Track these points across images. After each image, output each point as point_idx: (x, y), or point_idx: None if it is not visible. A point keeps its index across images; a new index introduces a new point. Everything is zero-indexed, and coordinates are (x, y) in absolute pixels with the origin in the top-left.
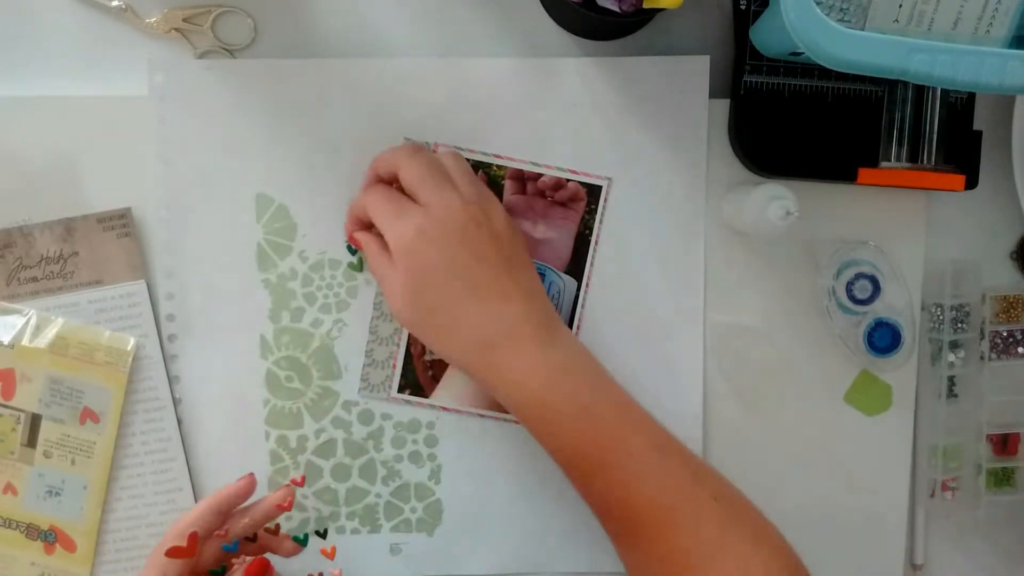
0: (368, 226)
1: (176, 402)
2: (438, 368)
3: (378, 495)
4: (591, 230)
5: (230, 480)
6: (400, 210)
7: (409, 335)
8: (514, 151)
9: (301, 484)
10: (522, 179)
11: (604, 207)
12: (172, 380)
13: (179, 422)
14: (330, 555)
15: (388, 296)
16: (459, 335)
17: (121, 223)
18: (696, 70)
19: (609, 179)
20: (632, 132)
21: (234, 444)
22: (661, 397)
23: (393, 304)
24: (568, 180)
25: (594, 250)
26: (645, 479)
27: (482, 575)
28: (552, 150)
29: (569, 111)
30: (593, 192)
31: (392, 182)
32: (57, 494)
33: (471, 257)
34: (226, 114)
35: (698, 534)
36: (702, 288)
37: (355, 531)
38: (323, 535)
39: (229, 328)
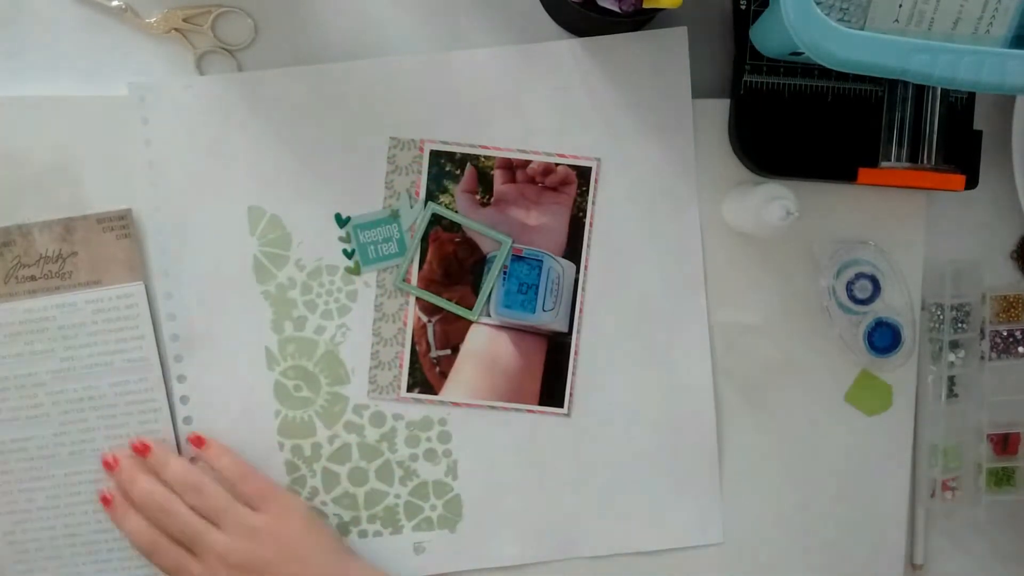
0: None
1: (186, 420)
2: (445, 364)
3: (397, 496)
4: (584, 212)
5: None
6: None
7: (414, 332)
8: (501, 140)
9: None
10: (511, 167)
11: (595, 188)
12: (181, 400)
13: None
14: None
15: None
16: None
17: (121, 224)
18: (675, 41)
19: (598, 159)
20: (617, 109)
21: (249, 457)
22: (667, 375)
23: None
24: (557, 164)
25: (589, 232)
26: None
27: (509, 566)
28: (539, 135)
29: (552, 94)
30: (583, 174)
31: None
32: None
33: None
34: (210, 131)
35: None
36: (700, 258)
37: (377, 533)
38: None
39: (233, 343)
